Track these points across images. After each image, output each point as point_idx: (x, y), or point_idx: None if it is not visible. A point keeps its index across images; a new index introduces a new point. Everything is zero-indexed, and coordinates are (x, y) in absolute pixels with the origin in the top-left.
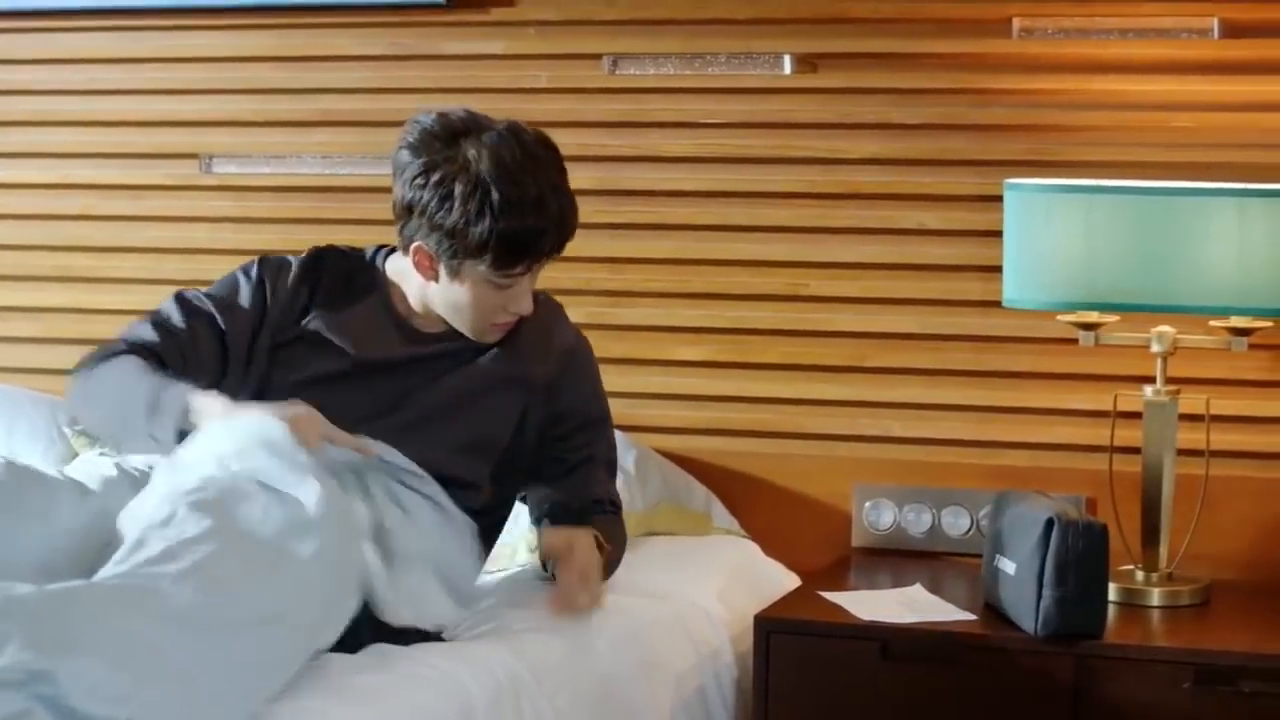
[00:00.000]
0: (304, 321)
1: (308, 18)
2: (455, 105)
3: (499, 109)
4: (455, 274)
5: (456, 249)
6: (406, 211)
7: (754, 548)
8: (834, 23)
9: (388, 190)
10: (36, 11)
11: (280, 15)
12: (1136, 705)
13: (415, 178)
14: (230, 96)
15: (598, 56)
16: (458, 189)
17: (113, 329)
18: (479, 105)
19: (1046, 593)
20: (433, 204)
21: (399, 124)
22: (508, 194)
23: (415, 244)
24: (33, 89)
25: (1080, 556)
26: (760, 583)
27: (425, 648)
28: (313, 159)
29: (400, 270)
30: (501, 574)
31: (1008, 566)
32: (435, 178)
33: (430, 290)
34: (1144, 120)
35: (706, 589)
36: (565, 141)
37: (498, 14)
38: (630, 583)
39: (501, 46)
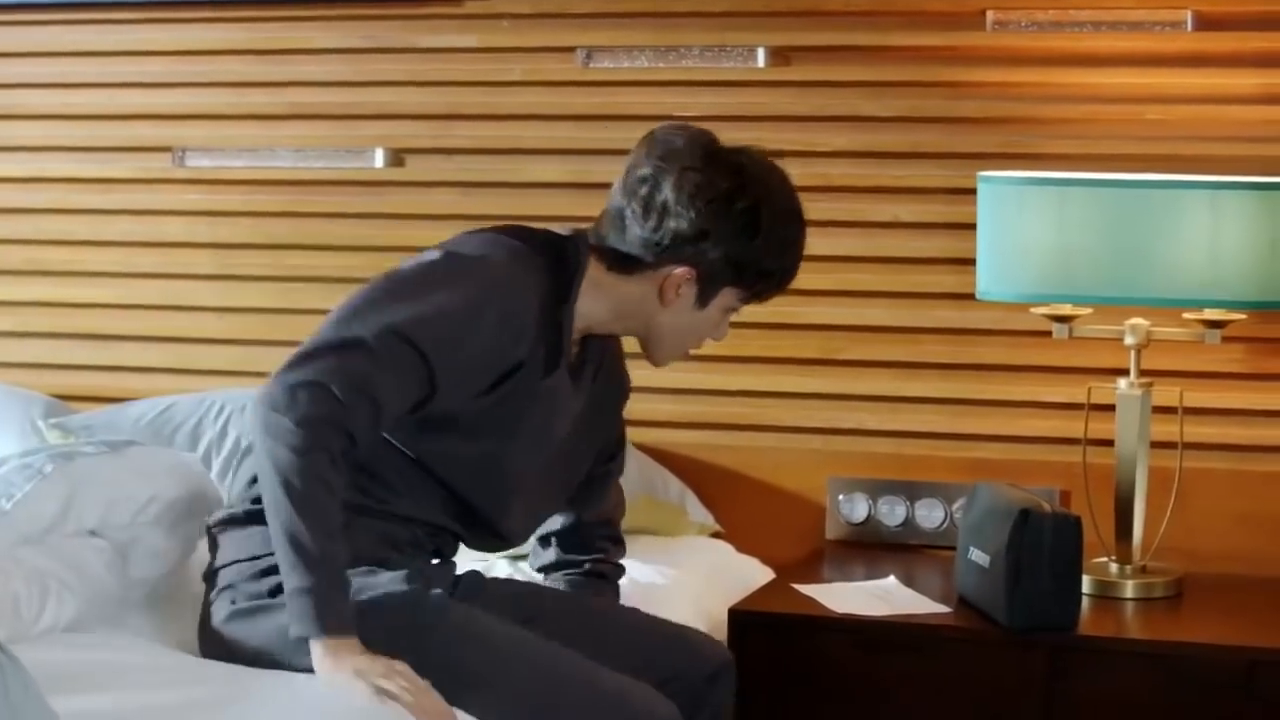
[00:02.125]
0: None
1: (280, 11)
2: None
3: (472, 102)
4: (705, 301)
5: (732, 277)
6: (697, 237)
7: (728, 547)
8: (808, 16)
9: (361, 183)
10: (7, 5)
11: (252, 9)
12: (1109, 697)
13: (715, 202)
14: (203, 90)
15: (571, 49)
16: (764, 219)
17: (87, 323)
18: (452, 99)
19: (1019, 586)
20: (732, 234)
21: (372, 117)
22: (798, 228)
23: (679, 270)
24: (4, 83)
25: (1053, 549)
26: (735, 578)
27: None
28: (285, 152)
29: (591, 285)
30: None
31: (981, 559)
32: (740, 207)
33: (646, 315)
34: (1117, 113)
35: (682, 590)
36: (538, 135)
37: (471, 7)
38: None
39: (474, 40)
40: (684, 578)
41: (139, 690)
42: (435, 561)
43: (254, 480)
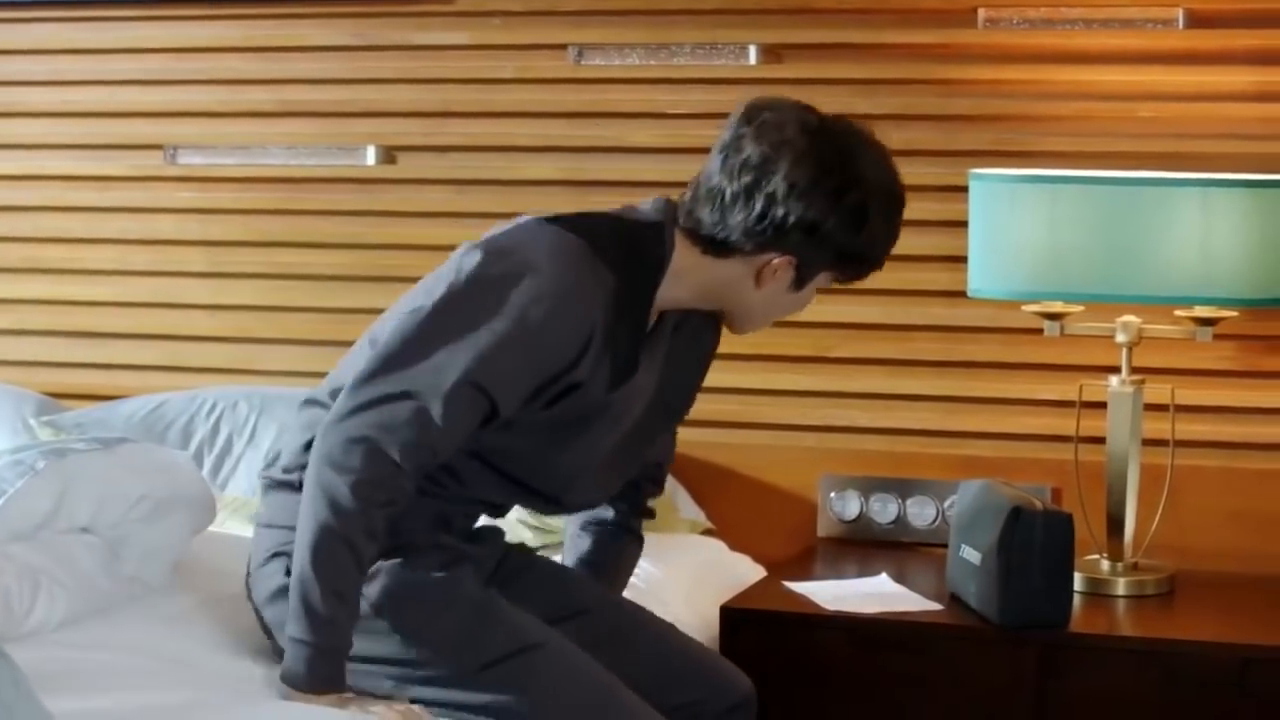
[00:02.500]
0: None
1: (272, 8)
2: (784, 98)
3: (464, 100)
4: (801, 285)
5: (832, 263)
6: (803, 230)
7: (720, 544)
8: (799, 13)
9: (353, 181)
10: (1, 3)
11: (245, 6)
12: (1101, 694)
13: (827, 196)
14: (195, 87)
15: (563, 47)
16: (871, 213)
17: (79, 320)
18: (444, 96)
19: (1011, 583)
20: (840, 227)
21: (363, 115)
22: (900, 212)
23: (779, 258)
24: None
25: (1044, 547)
26: (726, 576)
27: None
28: (277, 149)
29: (675, 272)
30: None
31: (972, 556)
32: (850, 202)
33: (736, 296)
34: (1109, 110)
35: (674, 587)
36: (530, 132)
37: (462, 4)
38: None
39: (466, 37)
40: (675, 575)
41: (137, 691)
42: (481, 525)
43: (308, 445)
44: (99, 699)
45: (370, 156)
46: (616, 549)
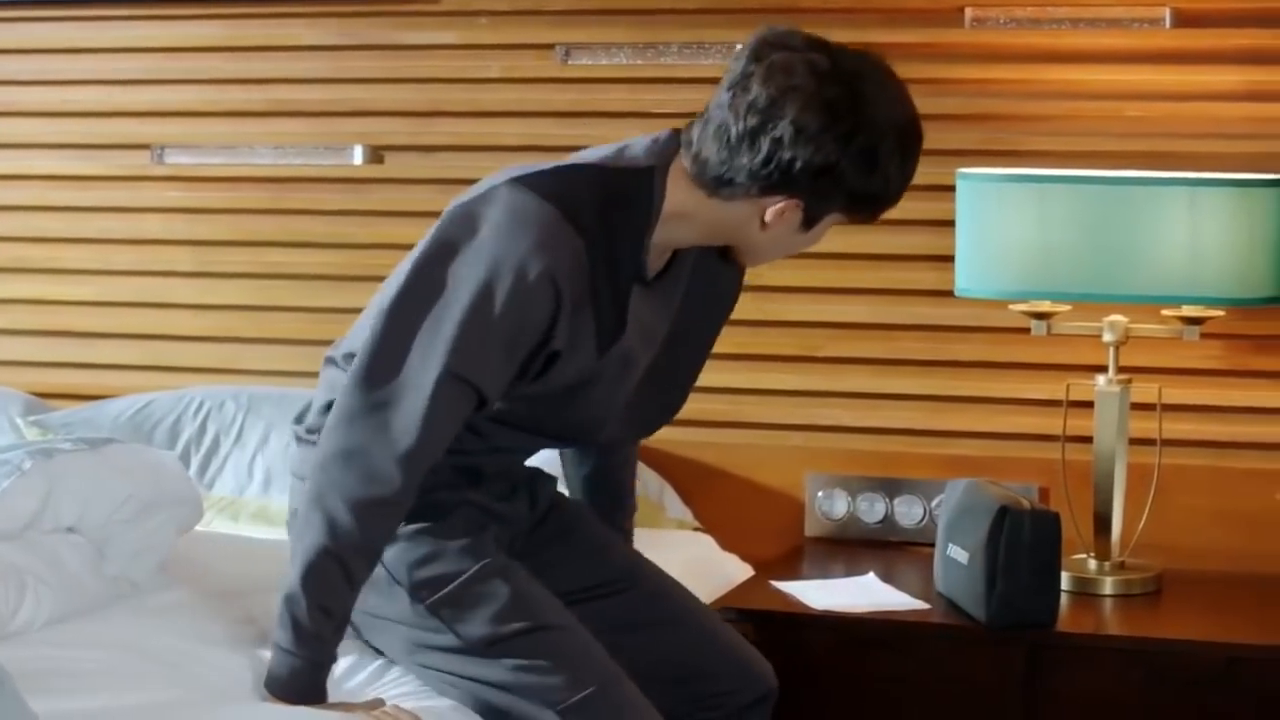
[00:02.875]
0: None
1: (259, 8)
2: (796, 32)
3: (450, 99)
4: (809, 226)
5: (843, 204)
6: (811, 174)
7: (709, 540)
8: (785, 13)
9: (340, 181)
10: None
11: (232, 5)
12: (1088, 693)
13: (835, 141)
14: (181, 87)
15: (550, 46)
16: (882, 154)
17: (66, 320)
18: (431, 95)
19: (998, 583)
20: (850, 170)
21: (350, 114)
22: (916, 149)
23: (787, 201)
24: None
25: (1032, 546)
26: (714, 574)
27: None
28: (264, 149)
29: (676, 215)
30: None
31: (960, 556)
32: (858, 145)
33: (742, 236)
34: (1096, 110)
35: None
36: (517, 132)
37: (449, 4)
38: None
39: (453, 36)
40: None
41: (123, 690)
42: (529, 465)
43: (328, 406)
44: (85, 699)
45: (357, 156)
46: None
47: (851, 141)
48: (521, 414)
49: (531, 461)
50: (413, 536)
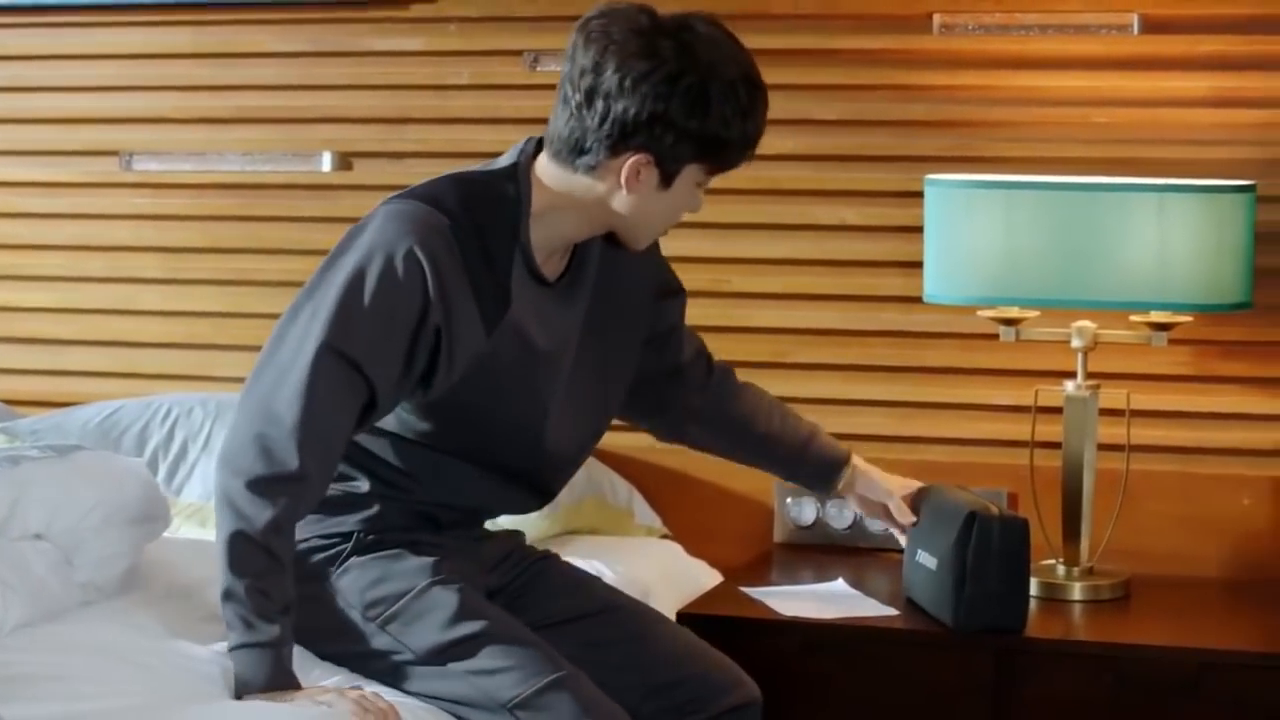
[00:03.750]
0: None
1: (227, 14)
2: (624, 4)
3: (419, 106)
4: (668, 182)
5: (692, 154)
6: (647, 122)
7: (677, 548)
8: (755, 19)
9: (308, 187)
10: None
11: (199, 12)
12: (1058, 699)
13: (660, 85)
14: (150, 93)
15: (518, 53)
16: (713, 93)
17: (33, 327)
18: (400, 102)
19: (967, 588)
20: (683, 112)
21: (319, 121)
22: (753, 94)
23: (635, 157)
24: None
25: (1001, 552)
26: (683, 580)
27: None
28: (233, 156)
29: (552, 204)
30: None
31: (928, 561)
32: (685, 84)
33: (614, 209)
34: (1064, 116)
35: (631, 593)
36: (486, 139)
37: (417, 10)
38: None
39: (421, 43)
40: (632, 580)
41: (93, 694)
42: (490, 527)
43: None
44: (53, 704)
45: (326, 163)
46: (734, 390)
47: (678, 82)
48: (449, 427)
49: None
50: (365, 564)
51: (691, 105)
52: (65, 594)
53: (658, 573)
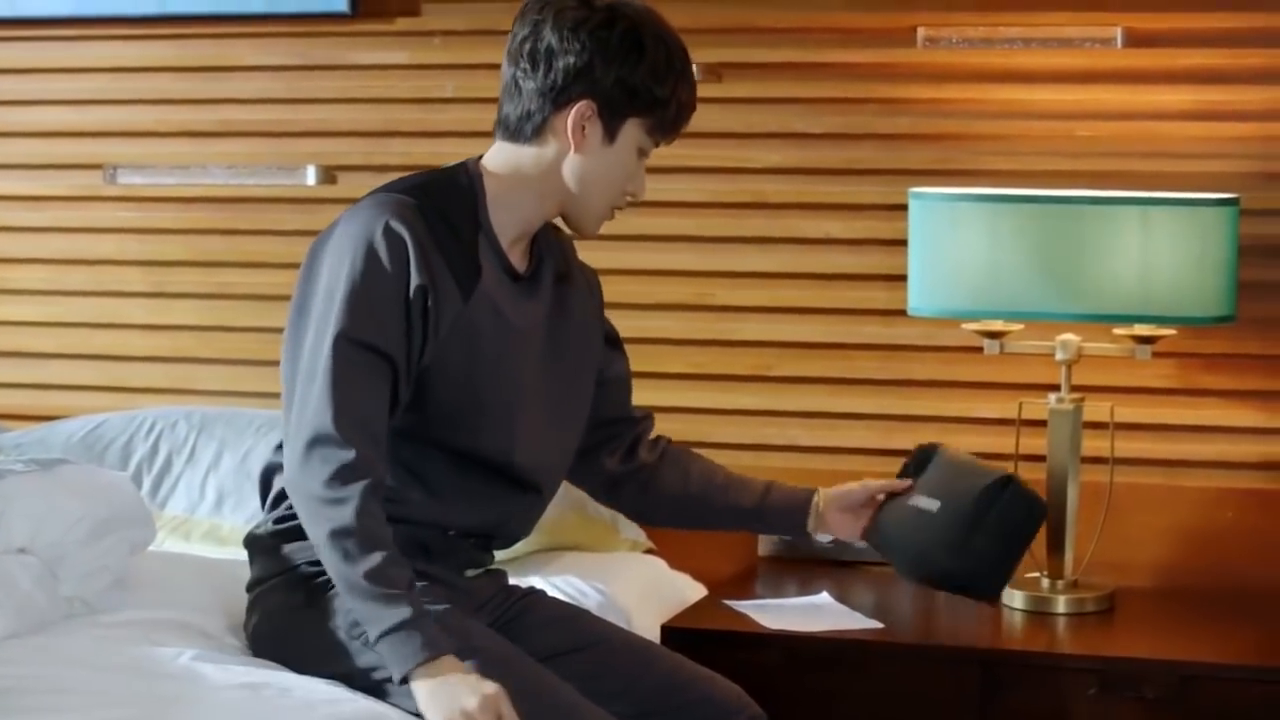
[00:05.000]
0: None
1: (210, 28)
2: None
3: (404, 119)
4: (612, 135)
5: (631, 100)
6: (586, 67)
7: (660, 563)
8: (739, 32)
9: (293, 201)
10: None
11: (183, 25)
12: (1042, 712)
13: (596, 30)
14: (134, 107)
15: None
16: (646, 41)
17: (17, 341)
18: (385, 115)
19: (972, 538)
20: (619, 55)
21: (304, 134)
22: (684, 57)
23: (579, 105)
24: None
25: (1018, 522)
26: (667, 594)
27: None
28: (217, 169)
29: (505, 189)
30: None
31: (929, 504)
32: (619, 30)
33: (563, 175)
34: (1048, 129)
35: (615, 607)
36: (471, 151)
37: (402, 24)
38: None
39: (406, 56)
40: (617, 594)
41: (75, 707)
42: (474, 573)
43: (275, 501)
44: (38, 716)
45: (311, 176)
46: (673, 456)
47: (613, 28)
48: (430, 414)
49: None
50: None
51: (627, 50)
52: (51, 607)
53: (641, 587)
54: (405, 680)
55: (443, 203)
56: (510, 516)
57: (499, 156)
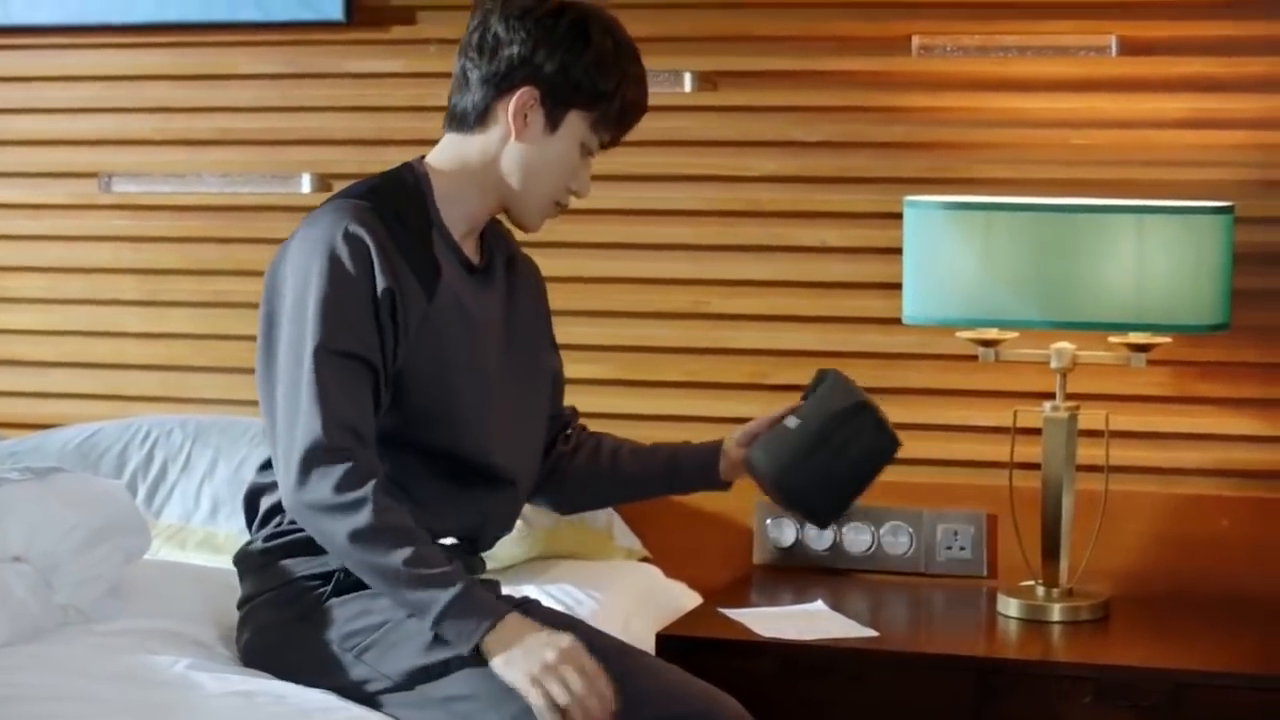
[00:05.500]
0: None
1: (205, 36)
2: None
3: (399, 128)
4: (554, 124)
5: (574, 91)
6: (530, 54)
7: (656, 572)
8: (735, 40)
9: (288, 209)
10: None
11: (178, 34)
12: None
13: (542, 19)
14: (129, 115)
15: None
16: (593, 33)
17: (12, 349)
18: (380, 124)
19: (817, 454)
20: (563, 44)
21: (299, 142)
22: (634, 54)
23: (521, 91)
24: None
25: (867, 450)
26: (662, 603)
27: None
28: (212, 177)
29: (451, 183)
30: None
31: (791, 423)
32: (567, 20)
33: (505, 165)
34: (1043, 138)
35: (610, 615)
36: None
37: (398, 32)
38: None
39: (402, 65)
40: (611, 602)
41: (71, 715)
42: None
43: (264, 519)
44: None
45: (305, 184)
46: (584, 440)
47: (561, 17)
48: (405, 416)
49: None
50: (345, 602)
51: (572, 39)
52: (45, 615)
53: (636, 595)
54: (477, 652)
55: (395, 204)
56: (491, 515)
57: (445, 152)
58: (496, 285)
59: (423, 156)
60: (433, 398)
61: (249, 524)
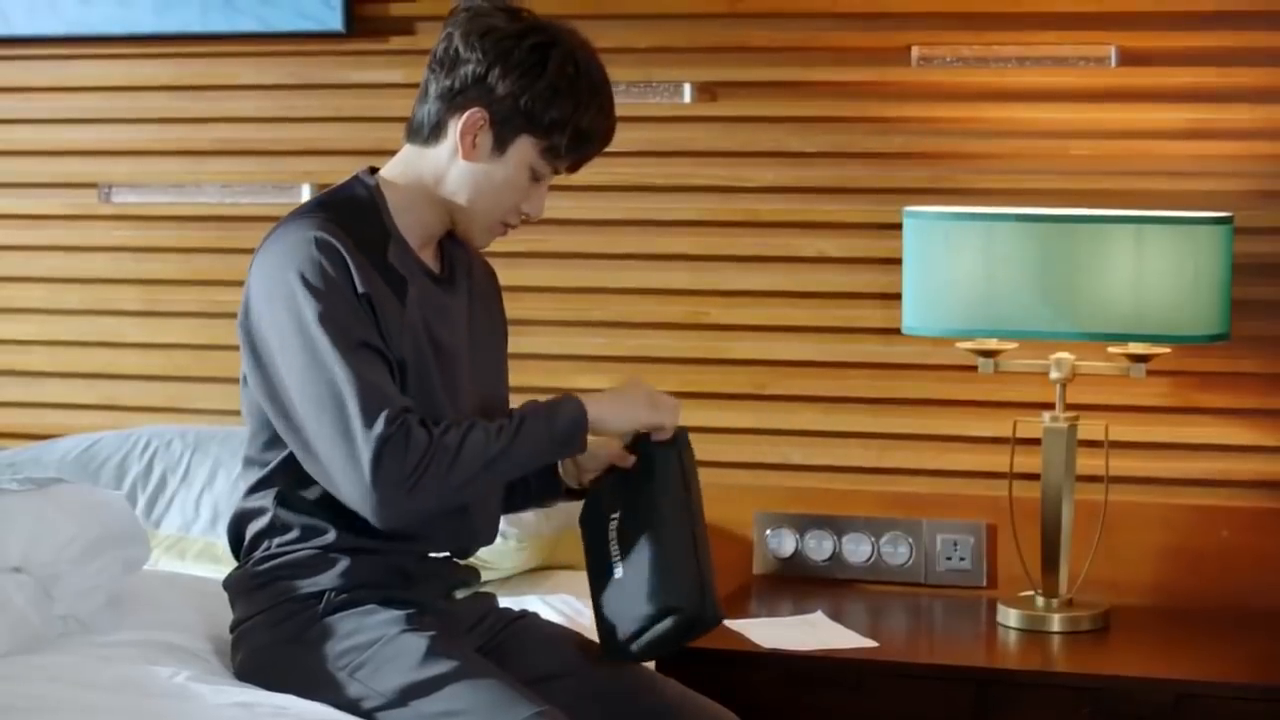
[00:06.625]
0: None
1: (205, 46)
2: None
3: (398, 138)
4: (502, 147)
5: (524, 117)
6: (485, 74)
7: None
8: (734, 51)
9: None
10: None
11: (178, 44)
12: None
13: (502, 40)
14: (129, 125)
15: None
16: (552, 60)
17: (12, 359)
18: (379, 134)
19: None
20: (517, 69)
21: (298, 153)
22: (596, 84)
23: (471, 111)
24: None
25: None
26: None
27: None
28: (212, 188)
29: (404, 196)
30: None
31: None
32: (528, 44)
33: (451, 176)
34: (1042, 148)
35: None
36: None
37: (397, 43)
38: None
39: (401, 75)
40: None
41: None
42: (463, 594)
43: (252, 545)
44: None
45: (305, 195)
46: None
47: (522, 40)
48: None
49: None
50: (337, 621)
51: (530, 65)
52: (45, 626)
53: None
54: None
55: (348, 217)
56: (470, 519)
57: (400, 164)
58: (460, 291)
59: (373, 169)
60: (416, 404)
61: (235, 552)
